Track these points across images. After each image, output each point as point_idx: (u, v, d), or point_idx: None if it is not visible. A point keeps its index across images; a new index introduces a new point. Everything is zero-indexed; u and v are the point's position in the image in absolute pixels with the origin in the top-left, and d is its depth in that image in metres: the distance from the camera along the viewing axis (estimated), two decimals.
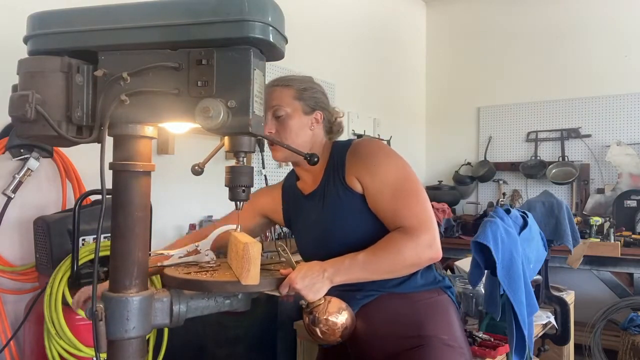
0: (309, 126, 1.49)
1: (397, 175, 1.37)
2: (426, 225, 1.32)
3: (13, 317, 2.12)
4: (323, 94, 1.55)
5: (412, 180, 1.39)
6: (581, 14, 4.73)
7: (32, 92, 0.98)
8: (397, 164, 1.40)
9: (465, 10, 5.36)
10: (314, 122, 1.50)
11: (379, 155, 1.40)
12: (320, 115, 1.51)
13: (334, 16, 4.05)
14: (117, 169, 1.07)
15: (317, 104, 1.50)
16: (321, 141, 1.54)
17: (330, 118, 1.56)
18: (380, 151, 1.42)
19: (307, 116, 1.48)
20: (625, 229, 4.08)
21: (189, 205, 2.96)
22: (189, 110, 1.00)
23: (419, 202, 1.35)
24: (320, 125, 1.52)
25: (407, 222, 1.32)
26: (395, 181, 1.37)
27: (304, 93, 1.48)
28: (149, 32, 1.01)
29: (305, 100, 1.48)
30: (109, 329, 1.03)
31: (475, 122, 5.25)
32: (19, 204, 2.17)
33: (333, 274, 1.26)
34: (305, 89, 1.49)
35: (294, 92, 1.48)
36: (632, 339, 3.41)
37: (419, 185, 1.40)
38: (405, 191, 1.36)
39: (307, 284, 1.21)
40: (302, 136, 1.47)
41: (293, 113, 1.46)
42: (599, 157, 4.59)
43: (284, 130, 1.45)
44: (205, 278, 1.16)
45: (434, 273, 1.48)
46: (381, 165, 1.38)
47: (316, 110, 1.50)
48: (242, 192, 1.11)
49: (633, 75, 4.48)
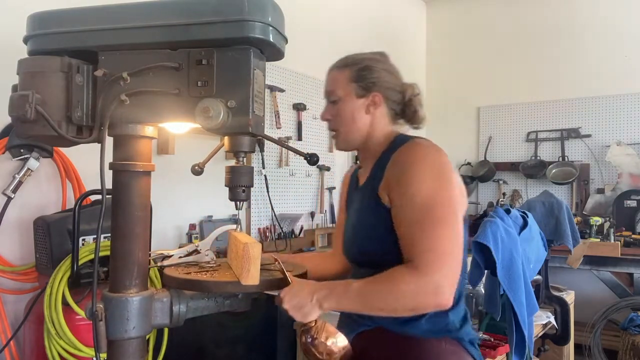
0: (365, 110, 1.34)
1: (428, 196, 1.14)
2: (439, 264, 1.10)
3: (13, 317, 2.12)
4: (389, 72, 1.37)
5: (446, 206, 1.15)
6: (581, 14, 4.73)
7: (32, 92, 0.98)
8: (435, 182, 1.16)
9: (465, 10, 5.36)
10: (371, 104, 1.34)
11: (416, 167, 1.18)
12: (378, 97, 1.33)
13: (334, 16, 4.05)
14: (117, 169, 1.07)
15: (376, 85, 1.34)
16: (384, 127, 1.36)
17: (396, 99, 1.36)
18: (421, 162, 1.19)
19: (361, 99, 1.33)
20: (625, 229, 4.08)
21: (189, 205, 2.96)
22: (189, 110, 1.00)
23: (443, 236, 1.12)
24: (382, 108, 1.35)
25: (419, 256, 1.11)
26: (424, 203, 1.14)
27: (362, 73, 1.34)
28: (149, 32, 1.01)
29: (360, 82, 1.33)
30: (109, 329, 1.03)
31: (475, 122, 5.25)
32: (19, 204, 2.17)
33: (322, 299, 1.13)
34: (365, 68, 1.34)
35: (350, 73, 1.34)
36: (632, 339, 3.41)
37: (451, 216, 1.15)
38: (431, 218, 1.13)
39: (295, 305, 1.13)
40: (358, 121, 1.33)
41: (345, 97, 1.34)
42: (599, 157, 4.59)
43: (338, 116, 1.35)
44: (205, 278, 1.16)
45: (448, 319, 1.23)
46: (414, 180, 1.16)
47: (372, 91, 1.33)
48: (242, 192, 1.11)
49: (633, 75, 4.48)
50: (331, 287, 1.15)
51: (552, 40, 4.83)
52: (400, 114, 1.39)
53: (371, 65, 1.35)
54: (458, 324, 1.24)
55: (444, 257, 1.10)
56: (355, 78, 1.33)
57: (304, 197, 3.80)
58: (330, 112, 1.37)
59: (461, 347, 1.23)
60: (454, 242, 1.13)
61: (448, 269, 1.10)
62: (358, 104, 1.33)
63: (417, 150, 1.22)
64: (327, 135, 4.05)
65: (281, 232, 3.41)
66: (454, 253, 1.12)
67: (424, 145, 1.23)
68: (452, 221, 1.15)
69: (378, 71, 1.34)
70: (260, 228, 3.39)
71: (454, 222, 1.15)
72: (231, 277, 1.16)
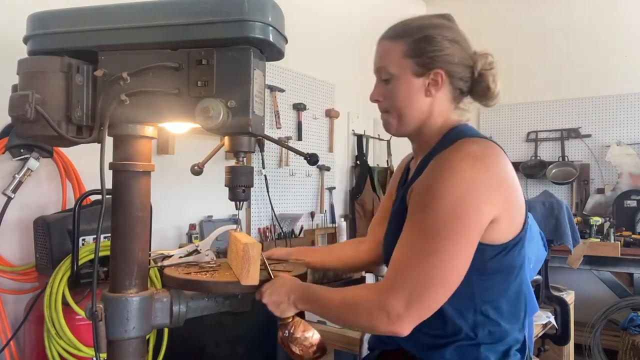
0: (424, 91, 1.11)
1: (438, 212, 0.97)
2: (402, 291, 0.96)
3: (13, 317, 2.12)
4: (455, 42, 1.12)
5: (454, 231, 0.96)
6: (581, 14, 4.72)
7: (32, 92, 0.98)
8: (457, 197, 0.96)
9: (465, 10, 5.35)
10: (432, 85, 1.11)
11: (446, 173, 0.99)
12: (441, 75, 1.10)
13: (334, 16, 4.05)
14: (117, 169, 1.07)
15: (439, 60, 1.10)
16: (443, 113, 1.14)
17: (464, 75, 1.13)
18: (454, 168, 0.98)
19: (420, 78, 1.11)
20: (625, 229, 4.08)
21: (189, 205, 2.95)
22: (189, 110, 1.00)
23: (426, 264, 0.96)
24: (445, 90, 1.12)
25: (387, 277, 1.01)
26: (430, 218, 0.97)
27: (419, 46, 1.10)
28: (149, 32, 1.01)
29: (419, 57, 1.10)
30: (108, 329, 1.03)
31: (475, 122, 5.24)
32: (19, 204, 2.17)
33: (297, 300, 1.12)
34: (425, 39, 1.10)
35: (405, 46, 1.11)
36: (632, 339, 3.41)
37: (455, 244, 0.96)
38: (426, 239, 0.97)
39: (274, 300, 1.13)
40: (415, 105, 1.12)
41: (400, 75, 1.11)
42: (599, 157, 4.59)
43: (391, 98, 1.13)
44: (205, 278, 1.16)
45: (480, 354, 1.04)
46: (435, 187, 0.99)
47: (434, 68, 1.10)
48: (242, 192, 1.11)
49: (633, 75, 4.47)
50: (305, 289, 1.13)
51: (552, 40, 4.83)
52: (468, 92, 1.17)
53: (432, 34, 1.11)
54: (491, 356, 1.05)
55: (416, 287, 0.96)
56: (412, 52, 1.10)
57: (304, 197, 3.80)
58: (380, 92, 1.15)
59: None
60: (443, 272, 0.96)
61: (413, 302, 0.96)
62: (416, 84, 1.11)
63: (457, 161, 0.99)
64: (327, 135, 4.05)
65: (281, 232, 3.41)
66: (432, 289, 0.96)
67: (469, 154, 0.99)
68: (455, 255, 0.97)
69: (441, 42, 1.10)
70: (260, 228, 3.39)
71: (456, 256, 0.97)
72: (231, 278, 1.16)
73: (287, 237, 3.43)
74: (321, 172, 3.95)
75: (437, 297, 0.98)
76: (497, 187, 1.00)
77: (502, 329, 1.07)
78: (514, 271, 1.08)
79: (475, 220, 0.97)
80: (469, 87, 1.16)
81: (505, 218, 1.01)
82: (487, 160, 1.00)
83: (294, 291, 1.13)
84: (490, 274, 1.03)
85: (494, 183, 1.00)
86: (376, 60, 1.17)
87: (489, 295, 1.03)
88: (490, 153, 1.01)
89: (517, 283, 1.10)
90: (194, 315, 1.17)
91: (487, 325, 1.05)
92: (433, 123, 1.15)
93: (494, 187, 0.99)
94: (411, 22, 1.15)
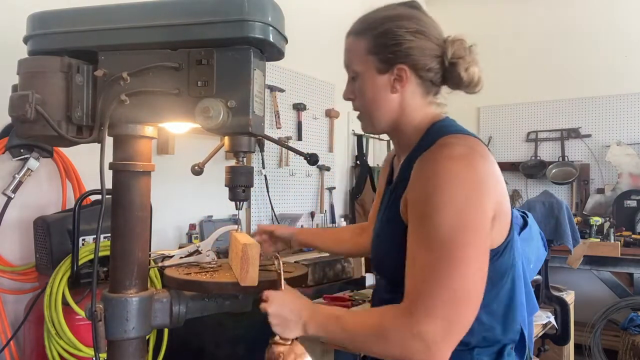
0: (390, 88, 1.06)
1: (448, 231, 0.91)
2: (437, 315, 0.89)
3: (13, 317, 2.12)
4: (419, 33, 1.05)
5: (465, 241, 0.91)
6: (581, 14, 4.72)
7: (32, 92, 0.98)
8: (460, 214, 0.91)
9: (466, 10, 5.35)
10: (397, 80, 1.06)
11: (440, 190, 0.92)
12: (404, 70, 1.05)
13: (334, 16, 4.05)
14: (117, 169, 1.07)
15: (401, 54, 1.04)
16: (418, 107, 1.09)
17: (433, 66, 1.06)
18: (447, 184, 0.92)
19: (384, 75, 1.06)
20: (625, 229, 4.08)
21: (189, 205, 2.95)
22: (189, 110, 1.00)
23: (449, 280, 0.90)
24: (413, 84, 1.07)
25: (415, 300, 0.92)
26: (442, 238, 0.91)
27: (380, 41, 1.05)
28: (149, 32, 1.01)
29: (380, 53, 1.05)
30: (108, 330, 1.03)
31: (475, 122, 5.25)
32: (19, 204, 2.17)
33: (309, 323, 1.00)
34: (384, 33, 1.05)
35: (367, 42, 1.06)
36: (632, 339, 3.41)
37: (469, 253, 0.91)
38: (446, 259, 0.90)
39: (279, 315, 1.01)
40: (383, 102, 1.07)
41: (364, 73, 1.08)
42: (599, 157, 4.59)
43: (360, 96, 1.10)
44: (205, 279, 1.16)
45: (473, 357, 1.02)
46: (435, 206, 0.92)
47: (396, 64, 1.05)
48: (242, 192, 1.11)
49: (633, 75, 4.48)
50: (322, 314, 1.02)
51: (552, 40, 4.83)
52: (441, 82, 1.11)
53: (393, 28, 1.05)
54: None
55: (449, 309, 0.90)
56: (373, 48, 1.06)
57: (304, 197, 3.80)
58: (351, 89, 1.12)
59: None
60: (467, 288, 0.91)
61: (451, 325, 0.90)
62: (380, 81, 1.06)
63: (446, 164, 0.94)
64: (327, 135, 4.05)
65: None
66: (463, 306, 0.91)
67: (455, 156, 0.95)
68: (472, 264, 0.92)
69: (402, 35, 1.04)
70: None
71: (474, 266, 0.92)
72: (231, 278, 1.16)
73: None
74: (321, 172, 3.95)
75: (470, 314, 0.93)
76: (491, 185, 0.96)
77: (496, 332, 1.04)
78: (505, 274, 1.05)
79: (481, 223, 0.94)
80: (440, 78, 1.09)
81: (497, 219, 0.98)
82: (473, 159, 0.96)
83: (307, 311, 1.01)
84: None
85: (487, 182, 0.96)
86: (344, 57, 1.13)
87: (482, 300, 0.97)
88: (475, 152, 0.97)
89: (509, 284, 1.07)
90: (193, 316, 1.16)
91: (481, 331, 1.02)
92: (409, 120, 1.09)
93: (488, 185, 0.96)
94: (373, 15, 1.09)
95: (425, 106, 1.11)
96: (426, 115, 1.10)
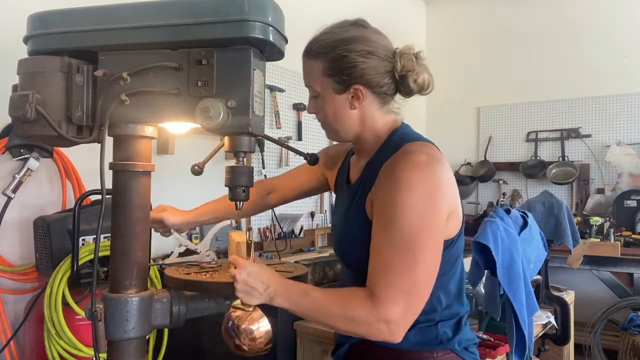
0: (349, 106, 1.16)
1: (409, 231, 1.04)
2: (398, 302, 1.03)
3: (13, 317, 2.12)
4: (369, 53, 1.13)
5: (424, 240, 1.05)
6: (581, 13, 4.72)
7: (32, 92, 0.98)
8: (420, 217, 1.05)
9: (465, 10, 5.35)
10: (355, 99, 1.15)
11: (404, 194, 1.05)
12: (360, 90, 1.14)
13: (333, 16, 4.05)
14: (117, 169, 1.07)
15: (355, 75, 1.13)
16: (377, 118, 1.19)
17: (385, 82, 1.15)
18: (411, 189, 1.05)
19: (342, 94, 1.15)
20: (625, 229, 4.08)
21: (189, 205, 2.94)
22: (189, 110, 1.00)
23: (410, 273, 1.04)
24: (370, 99, 1.16)
25: (383, 288, 1.04)
26: (403, 237, 1.04)
27: (334, 65, 1.13)
28: (149, 32, 1.01)
29: (335, 75, 1.13)
30: (108, 330, 1.03)
31: (475, 122, 5.25)
32: (19, 204, 2.17)
33: (275, 294, 1.06)
34: (337, 57, 1.13)
35: (322, 65, 1.14)
36: (632, 339, 3.41)
37: (427, 250, 1.06)
38: (407, 255, 1.04)
39: (246, 283, 1.05)
40: (344, 119, 1.17)
41: (323, 93, 1.16)
42: (599, 157, 4.59)
43: (322, 113, 1.20)
44: (205, 279, 1.16)
45: (438, 330, 1.17)
46: (400, 209, 1.05)
47: (352, 84, 1.14)
48: (242, 192, 1.11)
49: (633, 75, 4.47)
50: (289, 286, 1.08)
51: (552, 40, 4.83)
52: (395, 92, 1.20)
53: (344, 52, 1.12)
54: (450, 332, 1.19)
55: (408, 296, 1.04)
56: (329, 71, 1.14)
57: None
58: (313, 105, 1.21)
59: (455, 356, 1.19)
60: (419, 280, 1.05)
61: (408, 310, 1.04)
62: (339, 100, 1.16)
63: (411, 170, 1.06)
64: None
65: (281, 232, 3.41)
66: (415, 293, 1.05)
67: (419, 164, 1.07)
68: (428, 260, 1.06)
69: (355, 58, 1.12)
70: (260, 228, 3.39)
71: (428, 259, 1.06)
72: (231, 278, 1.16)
73: (287, 237, 3.42)
74: None
75: (423, 300, 1.08)
76: (446, 189, 1.10)
77: (454, 307, 1.21)
78: (458, 258, 1.22)
79: (438, 224, 1.08)
80: (394, 89, 1.19)
81: (451, 216, 1.13)
82: (433, 166, 1.09)
83: (274, 283, 1.06)
84: (442, 265, 1.11)
85: (444, 186, 1.10)
86: (303, 75, 1.21)
87: (440, 282, 1.13)
88: (434, 159, 1.10)
89: (460, 267, 1.24)
90: (194, 316, 1.16)
91: (441, 307, 1.18)
92: (370, 129, 1.20)
93: (444, 190, 1.10)
94: (326, 38, 1.16)
95: (383, 115, 1.21)
96: (386, 123, 1.21)
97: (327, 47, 1.15)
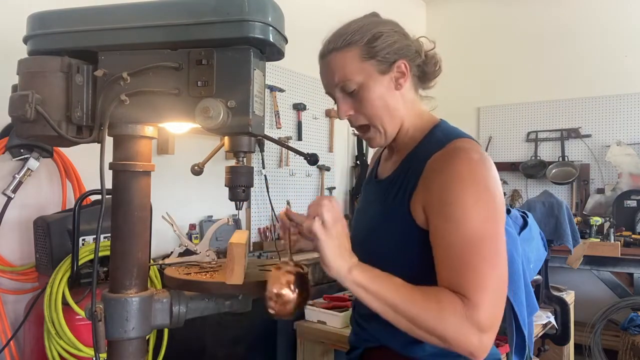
0: (394, 85, 1.10)
1: (476, 227, 0.97)
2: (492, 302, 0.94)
3: (13, 317, 2.12)
4: (398, 33, 1.12)
5: (495, 236, 0.99)
6: (581, 14, 4.73)
7: (32, 92, 0.98)
8: (485, 211, 0.99)
9: (465, 10, 5.36)
10: (400, 76, 1.10)
11: (463, 188, 0.99)
12: (404, 64, 1.10)
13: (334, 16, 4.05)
14: (117, 169, 1.07)
15: (396, 51, 1.09)
16: (413, 105, 1.14)
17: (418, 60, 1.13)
18: (469, 182, 0.99)
19: (386, 75, 1.09)
20: (625, 229, 4.08)
21: (189, 205, 2.96)
22: (189, 110, 1.00)
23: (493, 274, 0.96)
24: (408, 77, 1.11)
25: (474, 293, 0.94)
26: (472, 235, 0.97)
27: (372, 45, 1.08)
28: (149, 32, 1.01)
29: (376, 56, 1.08)
30: (108, 330, 1.03)
31: (475, 122, 5.25)
32: (19, 204, 2.17)
33: (356, 266, 0.97)
34: (373, 38, 1.08)
35: (358, 51, 1.09)
36: (632, 339, 3.41)
37: (498, 245, 0.99)
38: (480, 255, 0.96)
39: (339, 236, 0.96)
40: (393, 103, 1.10)
41: (367, 81, 1.08)
42: (599, 157, 4.59)
43: (365, 108, 1.10)
44: (205, 279, 1.16)
45: None
46: (461, 203, 0.98)
47: (395, 61, 1.09)
48: (242, 192, 1.11)
49: (633, 75, 4.48)
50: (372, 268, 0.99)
51: (552, 40, 4.83)
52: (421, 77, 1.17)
53: (379, 32, 1.09)
54: None
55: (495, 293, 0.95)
56: (368, 54, 1.08)
57: (304, 197, 3.80)
58: (350, 105, 1.12)
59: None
60: (504, 274, 0.98)
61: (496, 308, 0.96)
62: (385, 82, 1.09)
63: (464, 164, 1.01)
64: (327, 135, 4.05)
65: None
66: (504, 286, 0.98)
67: (471, 158, 1.02)
68: (501, 258, 0.98)
69: (390, 35, 1.09)
70: (260, 228, 3.39)
71: (503, 259, 0.99)
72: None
73: None
74: (321, 172, 3.95)
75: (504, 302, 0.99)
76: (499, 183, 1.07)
77: None
78: None
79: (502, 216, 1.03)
80: (421, 72, 1.17)
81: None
82: (488, 163, 1.05)
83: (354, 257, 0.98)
84: None
85: (498, 181, 1.06)
86: (330, 76, 1.12)
87: None
88: (485, 157, 1.06)
89: None
90: (194, 316, 1.16)
91: None
92: (411, 115, 1.15)
93: (499, 184, 1.06)
94: (351, 29, 1.12)
95: (417, 101, 1.17)
96: (423, 112, 1.17)
97: (358, 34, 1.09)
